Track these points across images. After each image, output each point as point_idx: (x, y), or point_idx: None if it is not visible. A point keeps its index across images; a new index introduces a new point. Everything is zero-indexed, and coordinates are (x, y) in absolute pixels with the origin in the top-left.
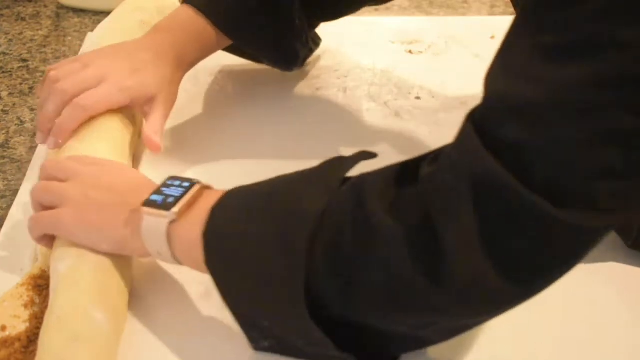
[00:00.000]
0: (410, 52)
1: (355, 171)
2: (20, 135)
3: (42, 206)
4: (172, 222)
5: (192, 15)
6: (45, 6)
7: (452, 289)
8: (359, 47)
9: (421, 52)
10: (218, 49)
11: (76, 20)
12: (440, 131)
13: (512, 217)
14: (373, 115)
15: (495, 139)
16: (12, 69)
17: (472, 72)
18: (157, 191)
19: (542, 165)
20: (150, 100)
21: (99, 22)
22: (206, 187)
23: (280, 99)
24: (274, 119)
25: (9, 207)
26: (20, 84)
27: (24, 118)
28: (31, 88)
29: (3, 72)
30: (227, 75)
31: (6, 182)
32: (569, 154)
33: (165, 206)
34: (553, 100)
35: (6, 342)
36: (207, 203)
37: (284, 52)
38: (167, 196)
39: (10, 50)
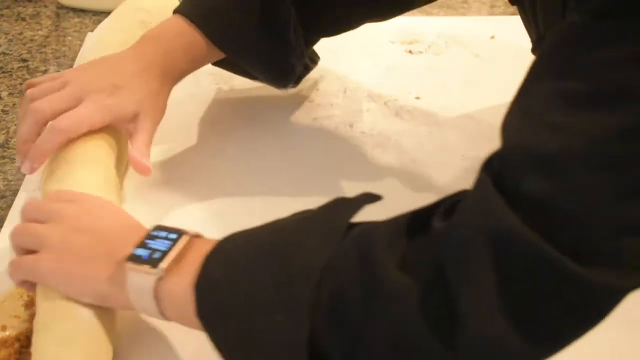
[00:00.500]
0: (410, 52)
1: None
2: None
3: (23, 249)
4: (159, 279)
5: (183, 26)
6: (45, 6)
7: (467, 353)
8: (359, 47)
9: (421, 52)
10: (209, 62)
11: (76, 20)
12: (440, 131)
13: (534, 277)
14: (373, 115)
15: (515, 192)
16: (12, 69)
17: (472, 72)
18: (142, 244)
19: (566, 221)
20: (133, 118)
21: (99, 22)
22: (195, 236)
23: (279, 100)
24: (274, 119)
25: (9, 207)
26: (20, 84)
27: None
28: None
29: (3, 72)
30: (226, 80)
31: (6, 182)
32: (595, 209)
33: (152, 262)
34: (577, 152)
35: (6, 342)
36: (197, 255)
37: (278, 68)
38: (153, 250)
39: (10, 50)
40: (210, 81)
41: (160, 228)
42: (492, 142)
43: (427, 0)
